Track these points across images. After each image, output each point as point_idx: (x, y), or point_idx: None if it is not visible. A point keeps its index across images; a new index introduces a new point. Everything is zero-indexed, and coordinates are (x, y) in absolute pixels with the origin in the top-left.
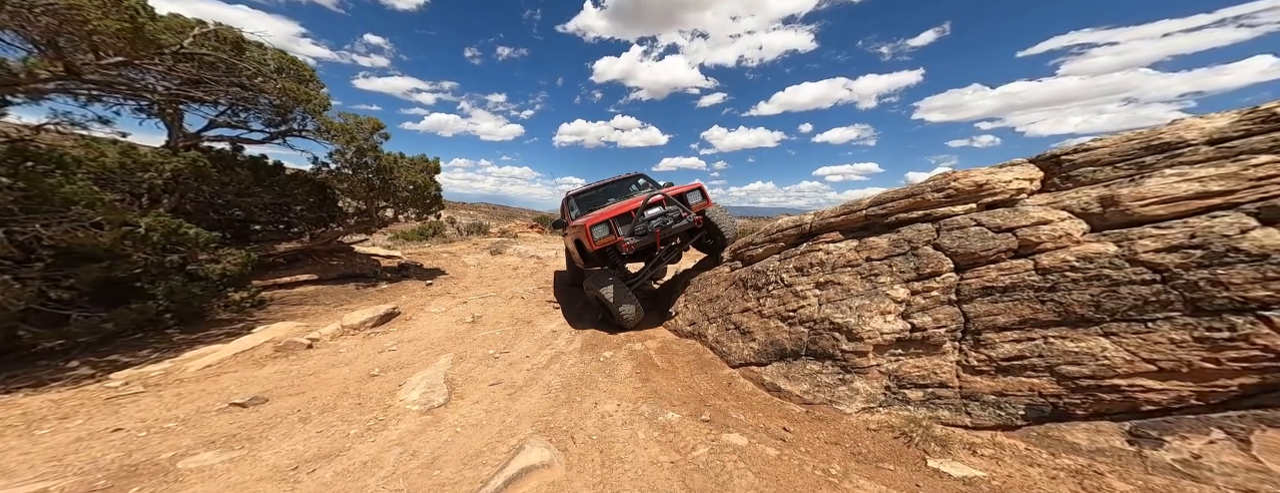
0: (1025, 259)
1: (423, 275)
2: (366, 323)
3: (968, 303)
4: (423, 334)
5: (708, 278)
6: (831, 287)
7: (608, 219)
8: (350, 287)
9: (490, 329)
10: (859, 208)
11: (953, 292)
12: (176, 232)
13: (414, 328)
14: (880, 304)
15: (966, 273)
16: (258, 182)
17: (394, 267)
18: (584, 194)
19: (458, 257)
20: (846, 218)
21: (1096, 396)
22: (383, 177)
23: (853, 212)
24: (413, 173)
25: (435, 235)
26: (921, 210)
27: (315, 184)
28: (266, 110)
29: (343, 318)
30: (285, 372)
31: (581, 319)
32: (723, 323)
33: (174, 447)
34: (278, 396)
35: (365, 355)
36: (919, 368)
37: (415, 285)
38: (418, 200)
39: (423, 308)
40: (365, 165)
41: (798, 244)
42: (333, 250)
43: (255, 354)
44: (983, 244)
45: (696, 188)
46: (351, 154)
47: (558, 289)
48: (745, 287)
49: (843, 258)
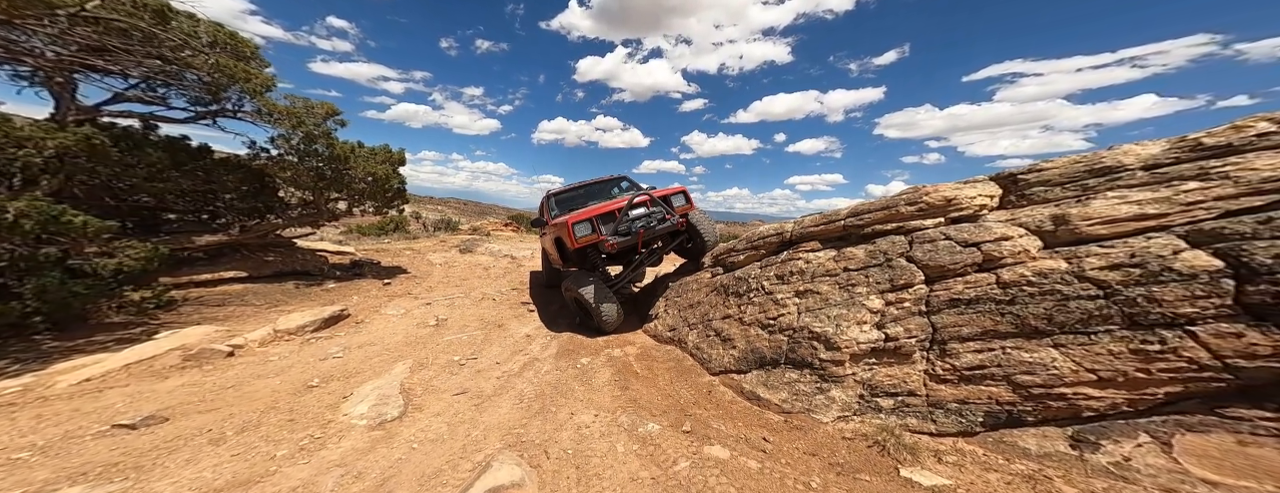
0: (988, 273)
1: (380, 274)
2: (306, 327)
3: (936, 314)
4: (376, 339)
5: (689, 283)
6: (811, 296)
7: (591, 217)
8: (289, 285)
9: (457, 333)
10: (837, 218)
11: (923, 303)
12: (56, 219)
13: (366, 332)
14: (857, 314)
15: (936, 285)
16: (175, 165)
17: (345, 264)
18: (565, 194)
19: (422, 254)
20: (825, 228)
21: (1046, 403)
22: (335, 166)
23: (831, 222)
24: (372, 164)
25: (397, 231)
26: (895, 223)
27: (251, 171)
28: (194, 87)
29: (276, 321)
30: (195, 385)
31: (558, 323)
32: (703, 330)
33: (23, 484)
34: (182, 414)
35: (302, 364)
36: (891, 377)
37: (370, 285)
38: (377, 193)
39: (378, 310)
40: (314, 153)
41: (778, 252)
42: (269, 245)
43: (156, 365)
44: (951, 257)
45: (680, 191)
46: (298, 140)
47: (533, 291)
48: (726, 293)
49: (822, 267)
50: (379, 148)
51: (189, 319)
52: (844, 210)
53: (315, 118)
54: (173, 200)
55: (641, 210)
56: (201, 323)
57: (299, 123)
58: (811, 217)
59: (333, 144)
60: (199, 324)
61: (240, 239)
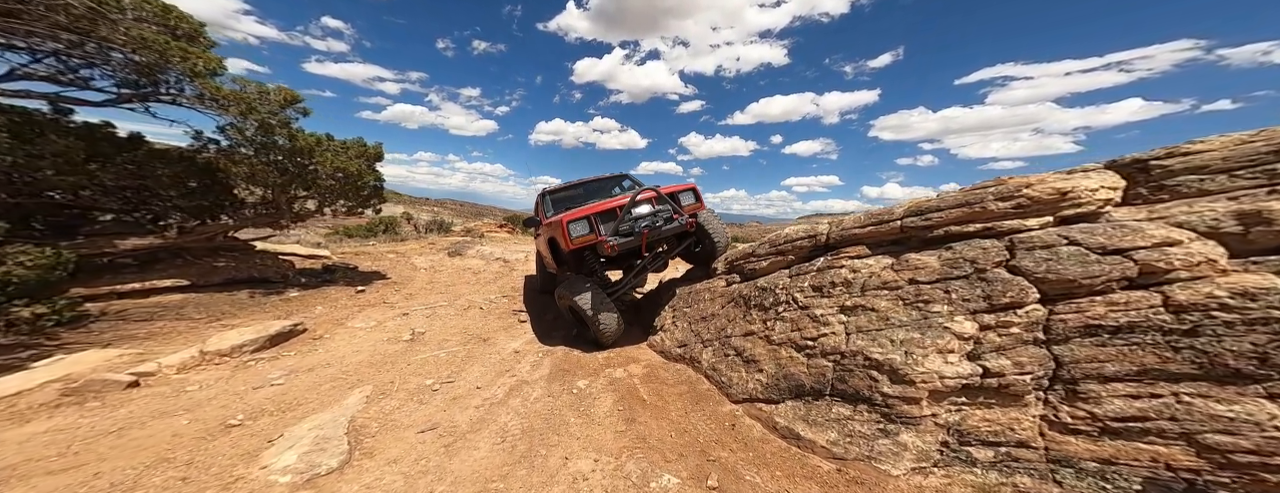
0: (1148, 291)
1: (355, 280)
2: (245, 346)
3: (1062, 344)
4: (334, 358)
5: (700, 292)
6: (862, 313)
7: (588, 216)
8: (242, 295)
9: (433, 350)
10: (890, 218)
11: (1039, 329)
12: None
13: (323, 350)
14: (937, 340)
15: (1059, 305)
16: (95, 156)
17: (315, 269)
18: (561, 192)
19: (406, 258)
20: (876, 230)
21: (1260, 476)
22: (298, 160)
23: (883, 222)
24: (342, 158)
25: (387, 232)
26: (981, 223)
27: (195, 165)
28: (123, 67)
29: (208, 340)
30: (64, 431)
31: (552, 335)
32: (721, 347)
33: None
34: (21, 477)
35: (228, 395)
36: (990, 422)
37: (340, 293)
38: (349, 191)
39: (343, 322)
40: (273, 145)
41: (811, 258)
42: (218, 249)
43: (21, 403)
44: (1083, 269)
45: (690, 188)
46: (254, 131)
47: (526, 298)
48: (747, 305)
49: (876, 278)
50: (352, 141)
51: (98, 339)
52: (899, 208)
53: (270, 105)
54: (97, 198)
55: (646, 208)
56: (111, 344)
57: (249, 109)
58: (853, 216)
59: (295, 136)
60: (107, 346)
61: (180, 242)
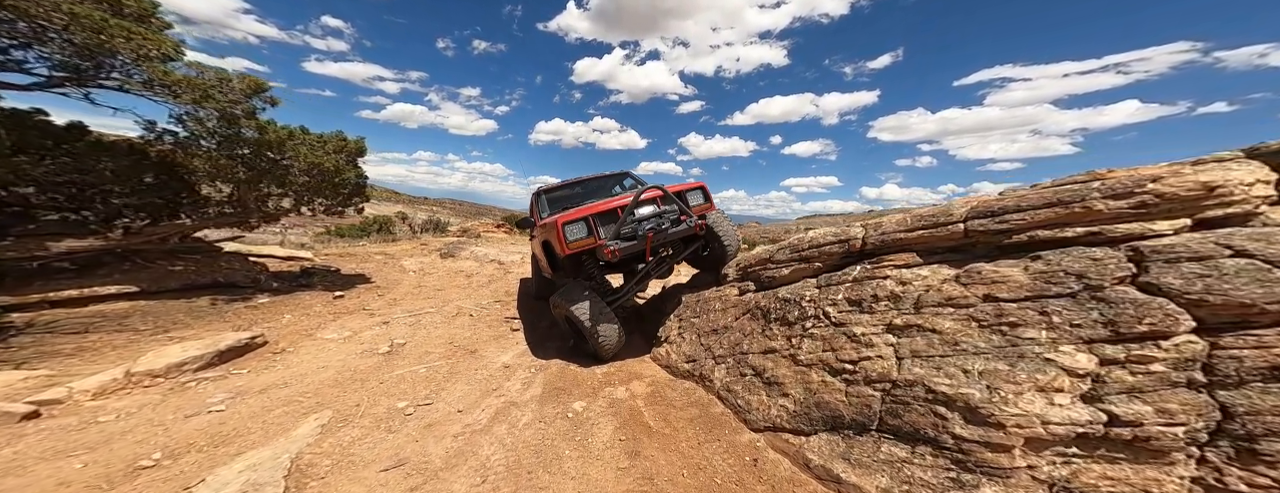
0: None
1: (334, 284)
2: (186, 364)
3: (1231, 389)
4: (294, 377)
5: (709, 300)
6: (919, 335)
7: (586, 217)
8: (202, 302)
9: (412, 364)
10: (948, 219)
11: (1195, 368)
12: None
13: (282, 367)
14: (1037, 374)
15: (1226, 337)
16: (25, 147)
17: (292, 273)
18: (558, 191)
19: (395, 259)
20: (928, 233)
21: None
22: (267, 155)
23: (938, 224)
24: (318, 153)
25: (381, 232)
26: (1081, 226)
27: (145, 158)
28: (63, 50)
29: (140, 357)
30: None
31: (546, 346)
32: (736, 365)
33: None
34: None
35: (150, 426)
36: (1115, 481)
37: (315, 299)
38: (326, 189)
39: (312, 333)
40: (238, 138)
41: (842, 266)
42: (176, 251)
43: None
44: (1266, 290)
45: (698, 187)
46: (215, 122)
47: (520, 304)
48: (766, 319)
49: (936, 293)
50: (330, 135)
51: (16, 356)
52: (960, 207)
53: (232, 93)
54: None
55: (650, 209)
56: (26, 363)
57: (204, 97)
58: (895, 216)
59: (263, 128)
60: (19, 366)
61: (128, 244)
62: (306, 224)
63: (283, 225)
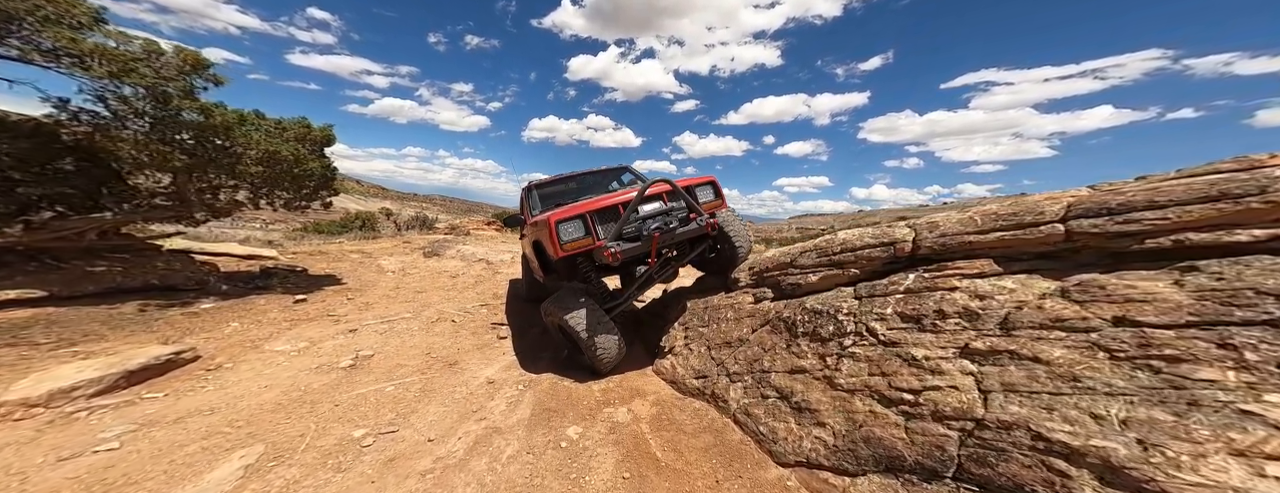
0: None
1: (297, 286)
2: (81, 388)
3: None
4: (226, 400)
5: (719, 308)
6: (1013, 363)
7: (583, 214)
8: (128, 308)
9: (379, 381)
10: (1038, 217)
11: None
12: None
13: (213, 387)
14: (1229, 431)
15: None
16: None
17: (250, 273)
18: (550, 186)
19: (373, 258)
20: (1010, 236)
21: None
22: (211, 140)
23: (1025, 224)
24: (276, 141)
25: (363, 228)
26: (1264, 227)
27: (60, 142)
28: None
29: (17, 382)
30: None
31: (537, 357)
32: (756, 385)
33: None
34: None
35: (4, 473)
36: None
37: (272, 303)
38: (286, 180)
39: (260, 344)
40: (174, 120)
41: (886, 274)
42: (95, 250)
43: None
44: None
45: (708, 182)
46: (144, 101)
47: (509, 308)
48: (792, 333)
49: (1035, 312)
50: (291, 120)
51: None
52: (1053, 203)
53: (164, 68)
54: None
55: (656, 206)
56: None
57: (124, 71)
58: (957, 215)
59: (206, 110)
60: None
61: (31, 241)
62: (288, 219)
63: (263, 222)
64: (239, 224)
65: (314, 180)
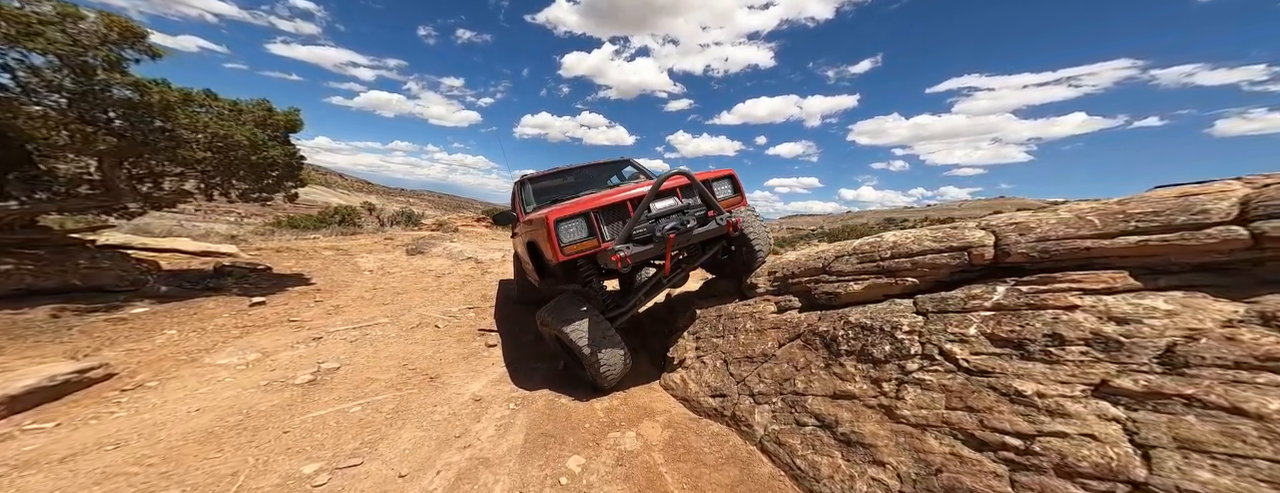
0: None
1: (256, 287)
2: None
3: None
4: (140, 429)
5: (736, 317)
6: (1194, 414)
7: (586, 212)
8: (39, 313)
9: (343, 400)
10: (1203, 216)
11: None
12: None
13: (126, 413)
14: None
15: None
16: None
17: (201, 272)
18: (546, 180)
19: (349, 256)
20: (1159, 242)
21: None
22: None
23: (1180, 225)
24: (230, 124)
25: (343, 223)
26: None
27: None
28: None
29: None
30: None
31: (530, 369)
32: (788, 409)
33: None
34: None
35: None
36: None
37: (223, 307)
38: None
39: (198, 357)
40: (99, 97)
41: (955, 285)
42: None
43: None
44: None
45: (727, 175)
46: (61, 73)
47: (498, 311)
48: (832, 351)
49: (1221, 344)
50: (249, 103)
51: None
52: (1222, 199)
53: (83, 36)
54: None
55: (670, 203)
56: None
57: (27, 33)
58: (1057, 214)
59: (142, 86)
60: None
61: None
62: (264, 214)
63: (238, 216)
64: (212, 218)
65: (276, 170)
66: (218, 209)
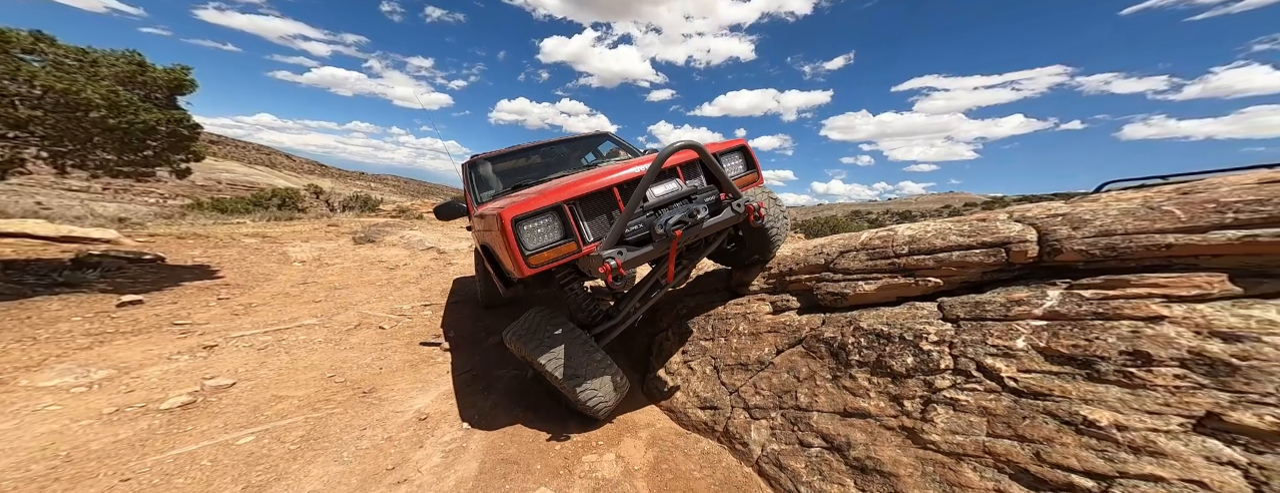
0: None
1: (133, 281)
2: None
3: None
4: None
5: (727, 318)
6: None
7: (558, 204)
8: None
9: (230, 429)
10: None
11: None
12: None
13: None
14: None
15: None
16: None
17: (56, 262)
18: (504, 161)
19: (277, 244)
20: (1269, 238)
21: None
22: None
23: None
24: (72, 78)
25: (283, 208)
26: None
27: None
28: None
29: None
30: None
31: (493, 378)
32: (789, 426)
33: None
34: None
35: None
36: None
37: (74, 308)
38: (95, 134)
39: (11, 378)
40: None
41: (987, 286)
42: None
43: None
44: None
45: (738, 147)
46: None
47: (461, 309)
48: (841, 361)
49: None
50: (109, 53)
51: None
52: None
53: None
54: None
55: (671, 186)
56: None
57: None
58: (1121, 204)
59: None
60: None
61: None
62: (195, 194)
63: (160, 197)
64: (126, 199)
65: (156, 139)
66: (132, 189)
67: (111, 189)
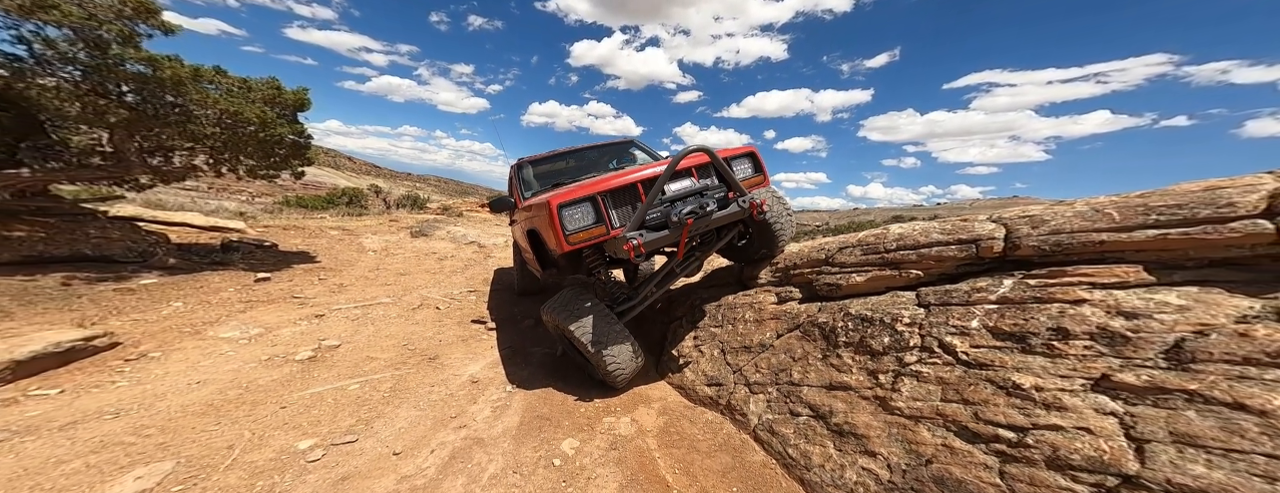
0: None
1: (262, 263)
2: None
3: None
4: (142, 399)
5: (736, 308)
6: (1193, 409)
7: (593, 195)
8: (50, 280)
9: (341, 378)
10: (1228, 209)
11: None
12: None
13: (128, 383)
14: None
15: None
16: None
17: (209, 246)
18: (545, 163)
19: (355, 236)
20: (1179, 236)
21: None
22: (161, 96)
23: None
24: (237, 101)
25: (350, 204)
26: None
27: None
28: None
29: None
30: None
31: (528, 354)
32: (783, 399)
33: None
34: None
35: None
36: None
37: (229, 281)
38: (248, 145)
39: (201, 330)
40: (114, 70)
41: (960, 278)
42: (10, 212)
43: None
44: None
45: (747, 153)
46: (75, 46)
47: (501, 296)
48: (830, 342)
49: (1236, 344)
50: (259, 81)
51: None
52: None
53: (98, 10)
54: None
55: (686, 184)
56: None
57: (41, 5)
58: (1074, 207)
59: (154, 61)
60: None
61: None
62: (274, 193)
63: (249, 195)
64: (224, 196)
65: (284, 148)
66: (229, 188)
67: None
